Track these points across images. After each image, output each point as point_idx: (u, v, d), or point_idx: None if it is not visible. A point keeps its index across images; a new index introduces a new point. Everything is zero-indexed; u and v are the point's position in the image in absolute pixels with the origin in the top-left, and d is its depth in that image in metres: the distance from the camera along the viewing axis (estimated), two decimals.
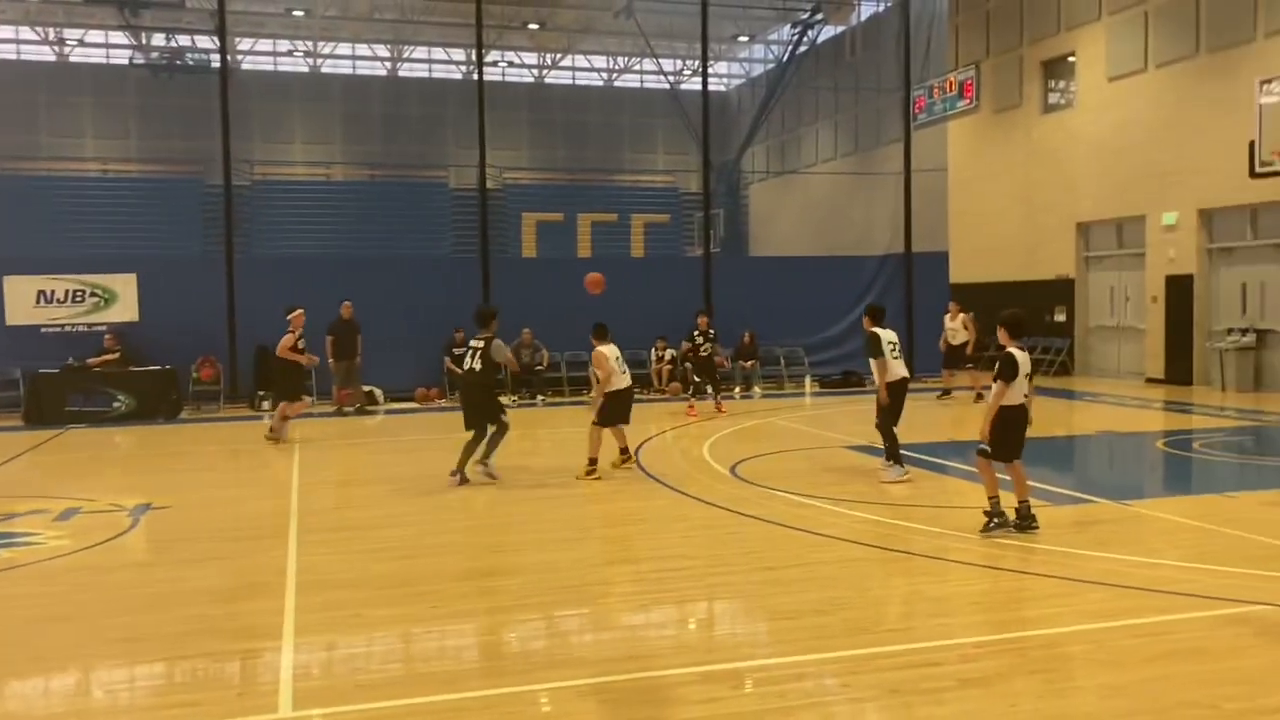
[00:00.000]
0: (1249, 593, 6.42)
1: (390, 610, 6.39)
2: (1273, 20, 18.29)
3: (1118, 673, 5.17)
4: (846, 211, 29.67)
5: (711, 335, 17.41)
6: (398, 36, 38.19)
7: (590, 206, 31.94)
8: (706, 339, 17.30)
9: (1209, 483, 10.90)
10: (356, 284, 18.87)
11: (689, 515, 9.15)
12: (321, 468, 12.45)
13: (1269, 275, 18.87)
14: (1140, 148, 21.13)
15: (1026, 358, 8.11)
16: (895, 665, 5.27)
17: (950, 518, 8.84)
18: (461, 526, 8.91)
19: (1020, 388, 7.98)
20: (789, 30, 33.19)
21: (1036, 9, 24.19)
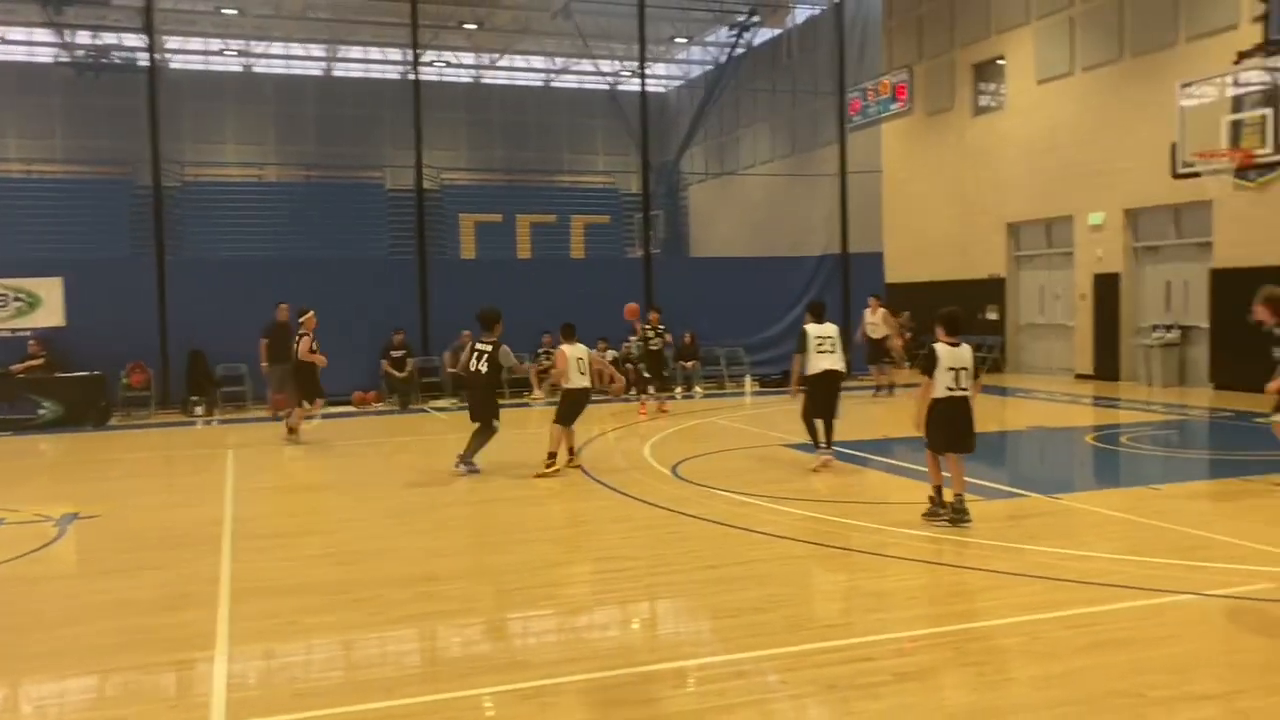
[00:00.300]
0: (1175, 583, 6.60)
1: (328, 617, 6.31)
2: (1193, 25, 18.85)
3: (1049, 664, 5.29)
4: (784, 212, 29.93)
5: (662, 330, 17.56)
6: (333, 36, 37.67)
7: (529, 207, 31.80)
8: (658, 334, 17.44)
9: (1136, 476, 11.19)
10: (292, 286, 18.54)
11: (631, 516, 9.17)
12: (257, 473, 12.25)
13: (1191, 273, 19.43)
14: (1068, 149, 21.64)
15: (961, 353, 8.29)
16: (833, 661, 5.33)
17: (888, 513, 8.97)
18: (401, 531, 8.82)
19: (944, 381, 8.20)
20: (726, 32, 33.40)
21: (967, 13, 24.64)
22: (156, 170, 19.47)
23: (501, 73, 41.85)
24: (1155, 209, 19.90)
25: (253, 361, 18.04)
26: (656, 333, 17.46)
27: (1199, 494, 9.88)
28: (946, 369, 8.21)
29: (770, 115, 34.58)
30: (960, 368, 8.24)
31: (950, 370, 8.21)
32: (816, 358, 11.01)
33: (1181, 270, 19.70)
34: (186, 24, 35.83)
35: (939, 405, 8.27)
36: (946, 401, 8.25)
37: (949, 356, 8.25)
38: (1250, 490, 9.84)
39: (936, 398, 8.26)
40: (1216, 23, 18.28)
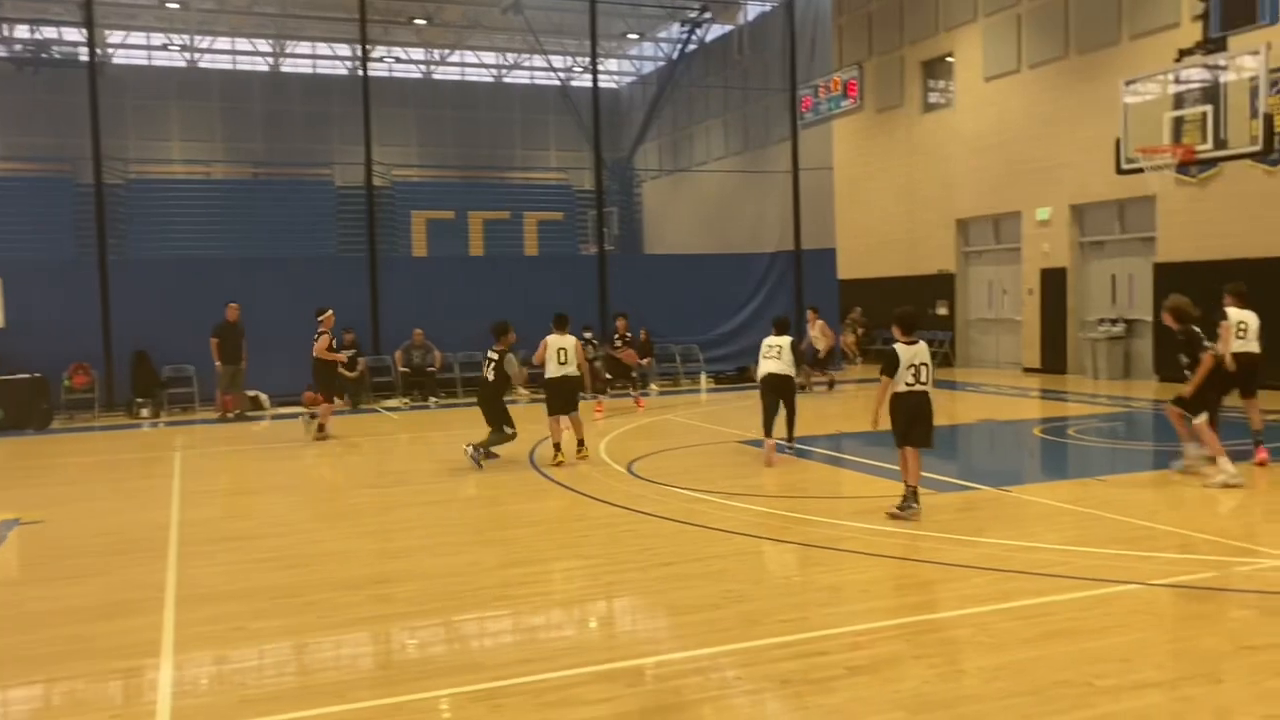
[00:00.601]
0: (1121, 573, 6.71)
1: (277, 622, 6.21)
2: (1136, 24, 19.19)
3: (999, 655, 5.35)
4: (738, 209, 30.01)
5: (628, 339, 17.98)
6: (280, 31, 37.16)
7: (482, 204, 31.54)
8: (624, 342, 17.86)
9: (1083, 467, 11.37)
10: (241, 285, 18.31)
11: (586, 514, 9.14)
12: (204, 476, 12.05)
13: (1136, 267, 19.79)
14: (1015, 146, 21.94)
15: (919, 350, 8.57)
16: (788, 656, 5.35)
17: (842, 508, 9.02)
18: (352, 533, 8.72)
19: (903, 377, 8.47)
20: (678, 28, 33.41)
21: (916, 11, 24.88)
22: (98, 168, 19.07)
23: (452, 68, 41.55)
24: (1100, 204, 20.24)
25: (201, 362, 17.76)
26: (624, 340, 17.87)
27: (1143, 484, 10.05)
28: (906, 366, 8.48)
29: (723, 112, 34.67)
30: (919, 363, 8.53)
31: (910, 367, 8.49)
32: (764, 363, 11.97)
33: (1126, 265, 20.06)
34: (128, 18, 35.14)
35: (899, 400, 8.53)
36: (905, 396, 8.51)
37: (908, 354, 8.51)
38: (1191, 480, 10.04)
39: (897, 393, 8.52)
40: (1158, 21, 18.64)
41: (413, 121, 38.75)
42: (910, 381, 8.50)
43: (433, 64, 40.98)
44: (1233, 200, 17.53)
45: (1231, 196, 17.54)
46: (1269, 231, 16.90)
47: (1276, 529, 7.73)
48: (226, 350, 17.13)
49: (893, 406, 8.57)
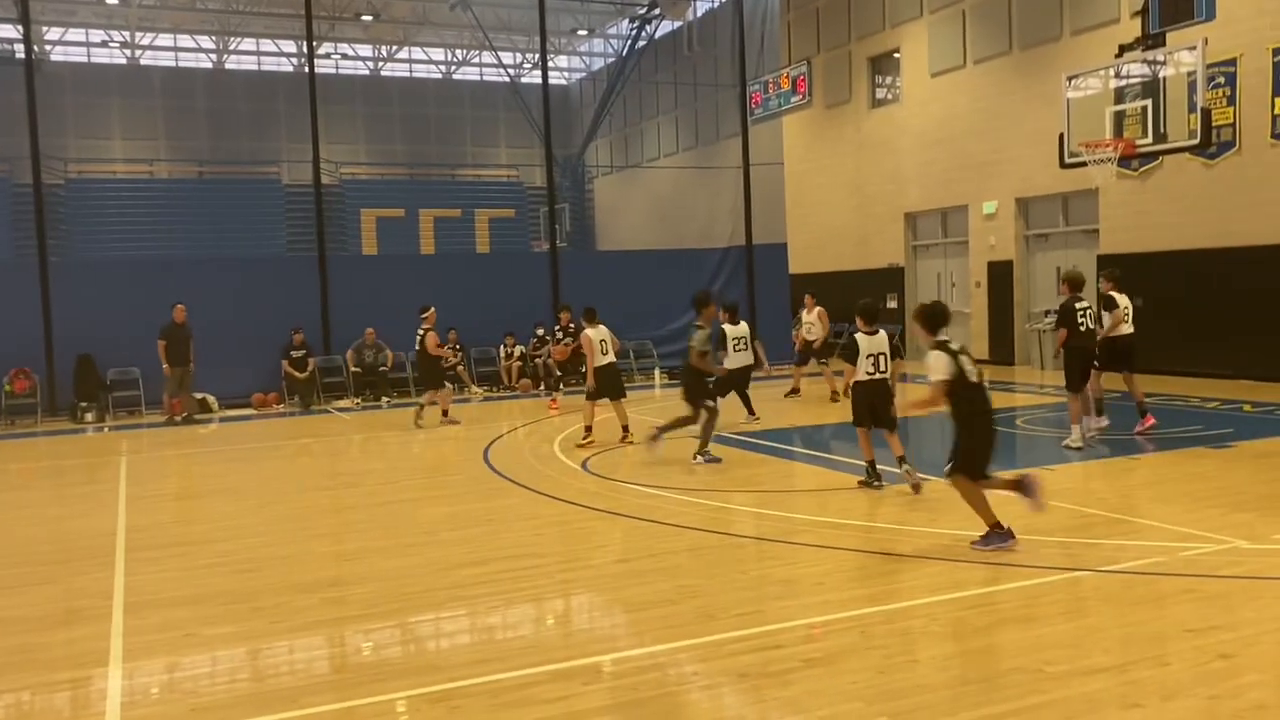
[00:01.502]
0: (1069, 560, 6.83)
1: (228, 628, 6.12)
2: (1078, 19, 19.51)
3: (951, 644, 5.42)
4: (689, 204, 30.13)
5: (572, 331, 17.11)
6: (223, 27, 36.61)
7: (432, 202, 31.43)
8: (567, 334, 17.23)
9: (1031, 457, 11.53)
10: (187, 286, 18.00)
11: (540, 513, 9.11)
12: (152, 481, 11.84)
13: (1080, 259, 20.09)
14: (961, 140, 22.21)
15: (879, 340, 9.26)
16: (744, 650, 5.38)
17: (796, 501, 9.09)
18: (304, 536, 8.62)
19: (864, 366, 9.20)
20: (627, 25, 33.42)
21: (863, 7, 25.09)
22: (36, 168, 18.65)
23: (400, 65, 41.21)
24: (1045, 198, 20.56)
25: (147, 365, 17.45)
26: (567, 333, 17.27)
27: (1090, 473, 10.24)
28: (866, 355, 9.16)
29: (674, 108, 34.75)
30: (879, 353, 9.19)
31: (869, 356, 9.17)
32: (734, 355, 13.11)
33: (1071, 257, 20.38)
34: (66, 14, 34.45)
35: (860, 387, 9.27)
36: (866, 384, 9.22)
37: (867, 344, 9.19)
38: (1134, 467, 10.25)
39: (858, 380, 9.25)
40: (1099, 17, 18.96)
41: (361, 119, 38.40)
42: (870, 370, 9.16)
43: (380, 60, 40.61)
44: (1173, 193, 17.90)
45: (1171, 189, 17.91)
46: (1208, 223, 17.28)
47: (1216, 514, 7.91)
48: (174, 352, 16.85)
49: (855, 393, 9.33)
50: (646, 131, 36.80)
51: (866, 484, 9.28)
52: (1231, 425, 12.27)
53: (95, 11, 34.15)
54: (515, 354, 20.45)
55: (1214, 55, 14.91)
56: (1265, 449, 10.84)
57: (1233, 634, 5.34)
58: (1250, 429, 12.01)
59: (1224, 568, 6.54)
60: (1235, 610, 5.74)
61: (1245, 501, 8.34)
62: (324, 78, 30.95)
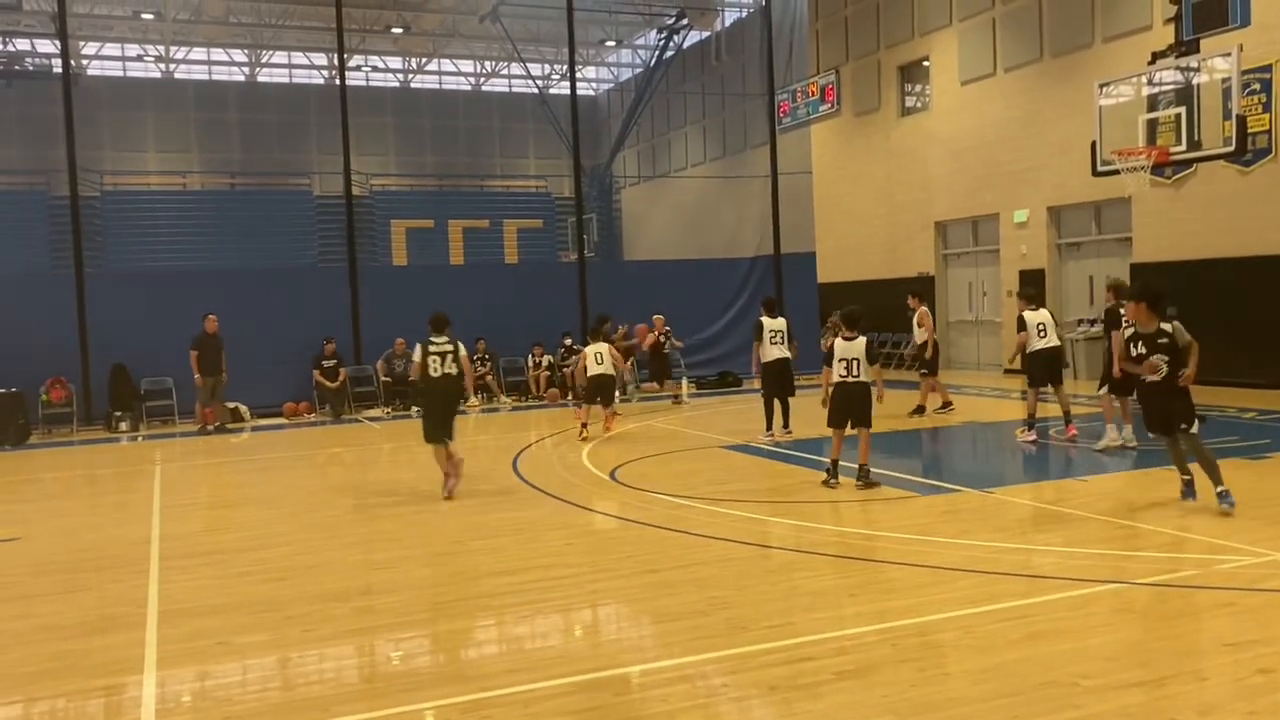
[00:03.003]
0: (1103, 572, 6.75)
1: (260, 636, 6.16)
2: (1109, 26, 19.36)
3: (985, 657, 5.36)
4: (717, 214, 30.11)
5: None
6: (255, 41, 37.03)
7: (461, 212, 31.59)
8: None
9: (1064, 468, 11.42)
10: (220, 297, 18.22)
11: (569, 523, 9.12)
12: (185, 490, 11.96)
13: (1114, 268, 19.90)
14: (992, 148, 22.07)
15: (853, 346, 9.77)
16: (774, 662, 5.35)
17: (826, 512, 9.03)
18: (335, 545, 8.67)
19: (837, 370, 9.82)
20: (655, 35, 33.49)
21: (892, 15, 25.01)
22: (73, 180, 18.93)
23: (430, 77, 41.51)
24: (1077, 206, 20.39)
25: (180, 375, 17.64)
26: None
27: (1124, 484, 10.12)
28: (838, 360, 9.81)
29: (701, 117, 34.77)
30: (852, 358, 9.75)
31: (841, 360, 9.79)
32: (770, 348, 13.36)
33: (1104, 265, 20.18)
34: (103, 29, 34.97)
35: (835, 390, 9.90)
36: (839, 387, 9.84)
37: (841, 349, 9.83)
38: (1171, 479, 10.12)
39: (833, 383, 9.90)
40: (1131, 24, 18.81)
41: (391, 130, 38.71)
42: (842, 374, 9.78)
43: (410, 72, 40.93)
44: (1207, 201, 17.69)
45: (1206, 197, 17.70)
46: (1243, 232, 17.06)
47: (1255, 527, 7.79)
48: (206, 362, 17.02)
49: (831, 395, 9.96)
50: (674, 141, 36.83)
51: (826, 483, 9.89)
52: (1269, 436, 12.10)
53: (131, 27, 34.64)
54: (543, 364, 20.49)
55: (1249, 61, 14.74)
56: None
57: (1272, 648, 5.25)
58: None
59: (1263, 581, 6.43)
60: (1274, 624, 5.64)
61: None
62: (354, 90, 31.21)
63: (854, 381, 9.80)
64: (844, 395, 9.84)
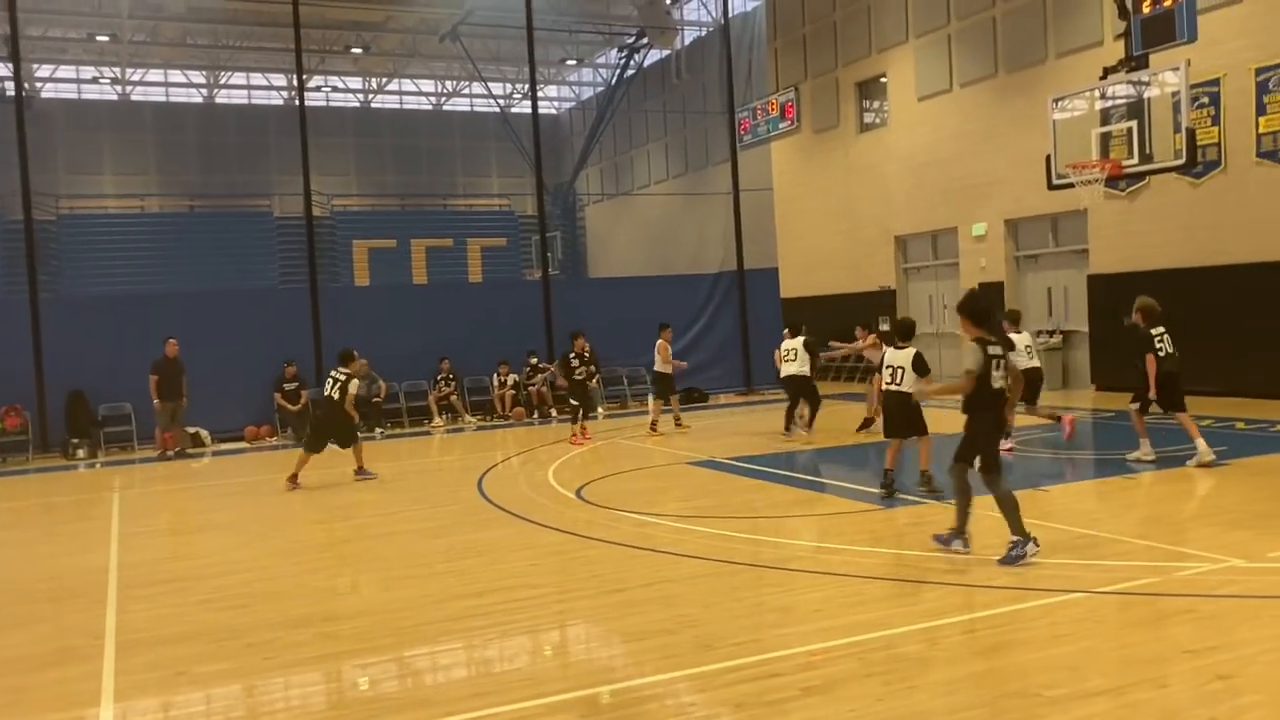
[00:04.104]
0: (1065, 582, 6.81)
1: (220, 665, 6.07)
2: (1062, 42, 19.70)
3: (951, 669, 5.39)
4: (680, 231, 30.19)
5: (588, 358, 16.41)
6: (213, 62, 36.76)
7: (424, 232, 31.43)
8: (583, 362, 16.30)
9: (1025, 478, 11.51)
10: (179, 320, 17.99)
11: (535, 543, 9.07)
12: (144, 517, 11.77)
13: (1070, 279, 20.22)
14: (949, 163, 22.34)
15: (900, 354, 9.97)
16: (742, 679, 5.34)
17: (794, 527, 9.05)
18: (298, 570, 8.56)
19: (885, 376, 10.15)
20: (616, 54, 33.63)
21: (849, 33, 25.30)
22: (27, 204, 18.65)
23: (391, 96, 41.40)
24: (1034, 219, 20.67)
25: (139, 400, 17.39)
26: (583, 360, 16.31)
27: (1085, 493, 10.25)
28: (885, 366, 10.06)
29: (663, 135, 34.93)
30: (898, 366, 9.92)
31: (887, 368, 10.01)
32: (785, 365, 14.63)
33: (1061, 277, 20.48)
34: (57, 51, 34.57)
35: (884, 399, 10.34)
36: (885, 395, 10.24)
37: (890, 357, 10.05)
38: (1131, 487, 10.25)
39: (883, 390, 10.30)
40: (1083, 40, 19.15)
41: (352, 150, 38.53)
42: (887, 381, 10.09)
43: (371, 92, 40.79)
44: (1160, 212, 18.01)
45: (1159, 209, 18.02)
46: (1196, 242, 17.37)
47: (1213, 533, 7.91)
48: (166, 387, 16.80)
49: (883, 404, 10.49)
50: (637, 159, 36.96)
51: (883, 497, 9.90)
52: (1225, 443, 12.27)
53: (86, 48, 34.27)
54: (508, 383, 20.42)
55: (1197, 76, 15.04)
56: (1259, 466, 10.85)
57: (1231, 654, 5.33)
58: (1244, 447, 12.03)
59: (1221, 587, 6.52)
60: (1233, 630, 5.72)
61: (1241, 520, 8.33)
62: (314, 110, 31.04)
63: (895, 390, 9.97)
64: (888, 405, 10.19)
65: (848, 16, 25.34)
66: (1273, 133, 16.20)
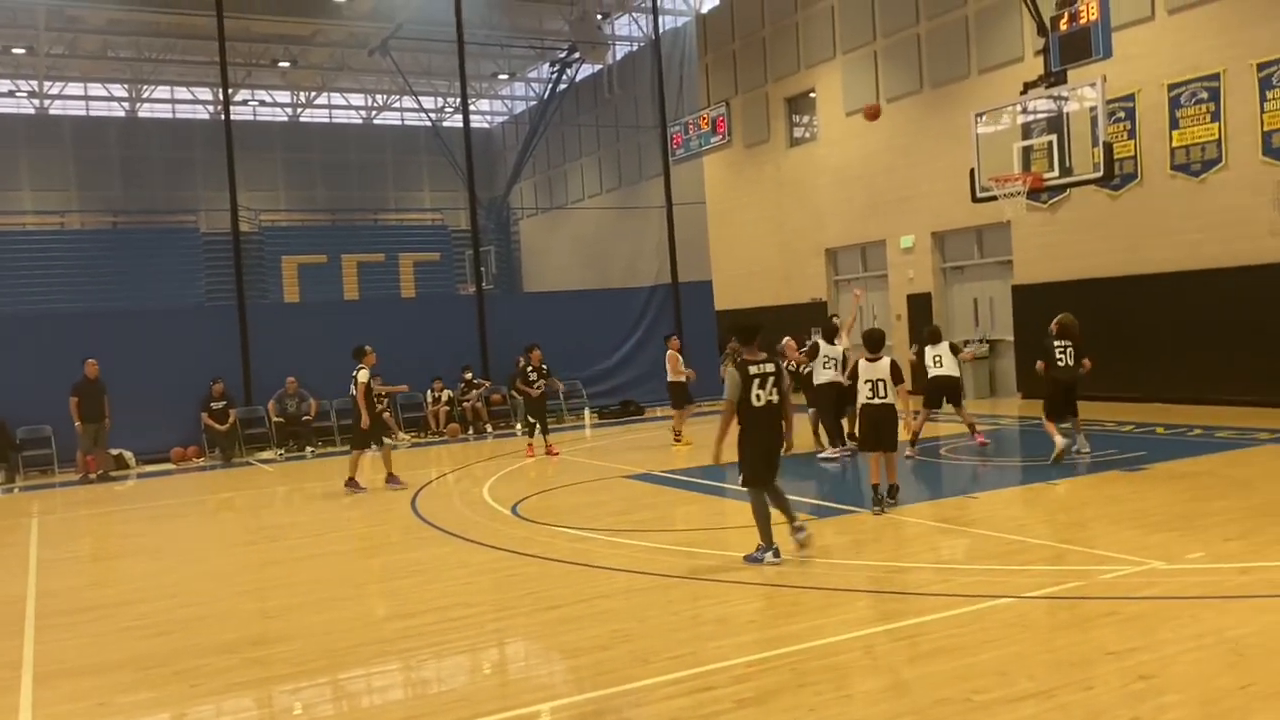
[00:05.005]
0: (993, 587, 6.94)
1: (144, 694, 5.91)
2: (984, 59, 20.17)
3: (883, 676, 5.45)
4: (615, 244, 30.25)
5: (545, 372, 16.06)
6: (136, 75, 35.97)
7: (355, 247, 31.06)
8: (540, 375, 15.96)
9: (956, 486, 11.74)
10: (103, 340, 17.53)
11: (469, 561, 8.99)
12: (65, 542, 11.43)
13: (995, 290, 20.65)
14: (877, 177, 22.72)
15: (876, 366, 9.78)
16: (677, 693, 5.34)
17: (728, 539, 9.09)
18: (226, 594, 8.38)
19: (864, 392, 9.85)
20: (548, 69, 33.66)
21: (778, 49, 25.62)
22: None
23: (320, 110, 40.89)
24: (960, 231, 21.10)
25: (60, 422, 16.90)
26: (540, 374, 15.95)
27: (1012, 500, 10.45)
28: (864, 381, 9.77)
29: (596, 149, 35.00)
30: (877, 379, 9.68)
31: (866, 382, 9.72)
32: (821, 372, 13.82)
33: (987, 288, 20.92)
34: None
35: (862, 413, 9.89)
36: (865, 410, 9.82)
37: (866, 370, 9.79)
38: (1055, 493, 10.48)
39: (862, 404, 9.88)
40: (1004, 56, 19.63)
41: (281, 165, 37.95)
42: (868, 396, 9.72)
43: (299, 106, 40.26)
44: (1080, 224, 18.50)
45: (1079, 220, 18.51)
46: (1115, 252, 17.87)
47: (1134, 536, 8.12)
48: (87, 408, 16.35)
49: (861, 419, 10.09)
50: (570, 173, 36.97)
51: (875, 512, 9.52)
52: (1145, 448, 12.64)
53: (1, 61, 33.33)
54: (443, 398, 20.24)
55: (1113, 91, 15.49)
56: (1178, 470, 11.17)
57: (1152, 655, 5.47)
58: (1163, 451, 12.38)
59: (1142, 589, 6.70)
60: (1154, 631, 5.87)
61: (1161, 523, 8.57)
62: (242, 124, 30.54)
63: (880, 403, 9.66)
64: (871, 418, 9.72)
65: (776, 33, 25.67)
66: (1185, 146, 16.76)
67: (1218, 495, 9.63)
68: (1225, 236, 16.22)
